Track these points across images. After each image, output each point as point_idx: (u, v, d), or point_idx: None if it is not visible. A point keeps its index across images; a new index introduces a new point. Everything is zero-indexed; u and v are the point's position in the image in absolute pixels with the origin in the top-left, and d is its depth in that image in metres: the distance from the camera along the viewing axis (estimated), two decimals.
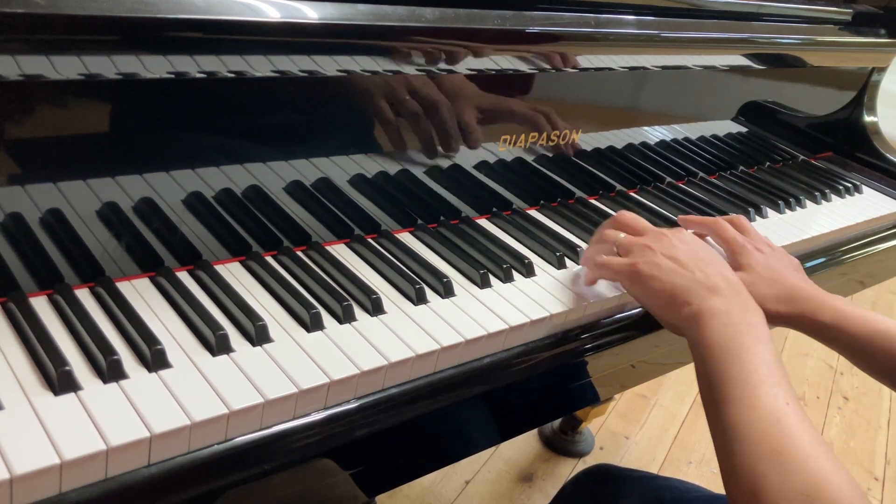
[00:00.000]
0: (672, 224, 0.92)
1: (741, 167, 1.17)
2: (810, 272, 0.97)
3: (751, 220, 0.99)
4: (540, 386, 0.70)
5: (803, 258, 0.98)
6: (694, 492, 0.81)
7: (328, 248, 0.72)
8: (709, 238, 0.83)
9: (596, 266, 0.71)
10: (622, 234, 0.72)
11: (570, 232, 0.86)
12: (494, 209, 0.86)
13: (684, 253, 0.67)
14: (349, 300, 0.63)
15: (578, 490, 0.87)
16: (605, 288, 0.74)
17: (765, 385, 0.55)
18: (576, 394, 0.76)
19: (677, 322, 0.64)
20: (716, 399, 0.57)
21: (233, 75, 0.58)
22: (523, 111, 0.83)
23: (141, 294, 0.60)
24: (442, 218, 0.82)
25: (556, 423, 1.66)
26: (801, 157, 1.28)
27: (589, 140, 0.93)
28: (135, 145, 0.60)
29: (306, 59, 0.61)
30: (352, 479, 0.58)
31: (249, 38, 0.58)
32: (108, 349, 0.52)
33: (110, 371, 0.51)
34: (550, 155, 0.90)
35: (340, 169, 0.72)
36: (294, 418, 0.54)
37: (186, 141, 0.62)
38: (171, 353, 0.54)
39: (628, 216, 0.74)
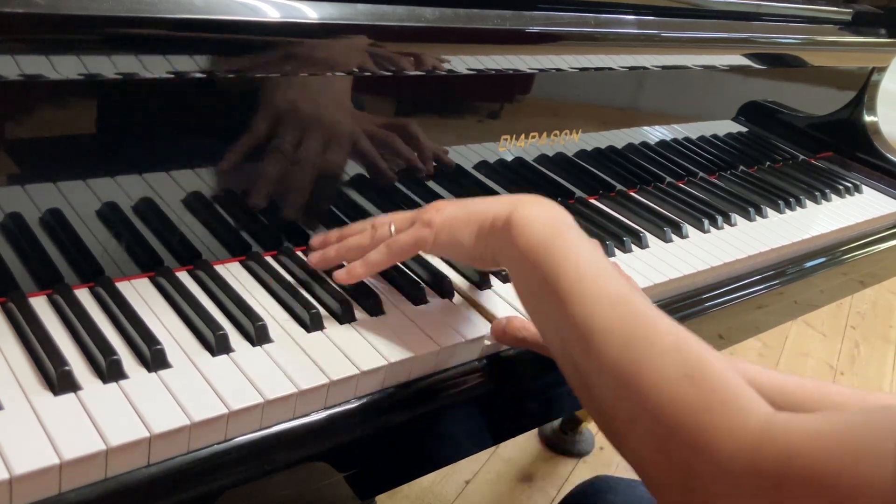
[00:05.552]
0: (672, 224, 0.92)
1: (741, 167, 1.17)
2: (810, 272, 0.97)
3: (750, 219, 0.99)
4: (539, 386, 0.70)
5: (804, 258, 0.98)
6: None
7: None
8: None
9: (387, 249, 0.62)
10: (391, 224, 0.63)
11: None
12: None
13: (464, 200, 0.63)
14: (349, 300, 0.63)
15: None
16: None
17: (602, 277, 0.52)
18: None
19: (490, 244, 0.59)
20: (554, 302, 0.52)
21: (233, 75, 0.58)
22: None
23: (141, 294, 0.60)
24: None
25: (556, 423, 1.66)
26: (801, 157, 1.28)
27: (589, 140, 0.93)
28: (135, 145, 0.60)
29: (306, 59, 0.61)
30: (352, 478, 0.58)
31: (249, 38, 0.58)
32: (107, 349, 0.52)
33: (110, 371, 0.51)
34: (550, 155, 0.90)
35: (340, 169, 0.72)
36: (294, 418, 0.54)
37: (186, 141, 0.62)
38: (171, 353, 0.54)
39: (387, 215, 0.66)
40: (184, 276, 0.64)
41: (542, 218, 0.57)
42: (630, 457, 0.48)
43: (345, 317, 0.62)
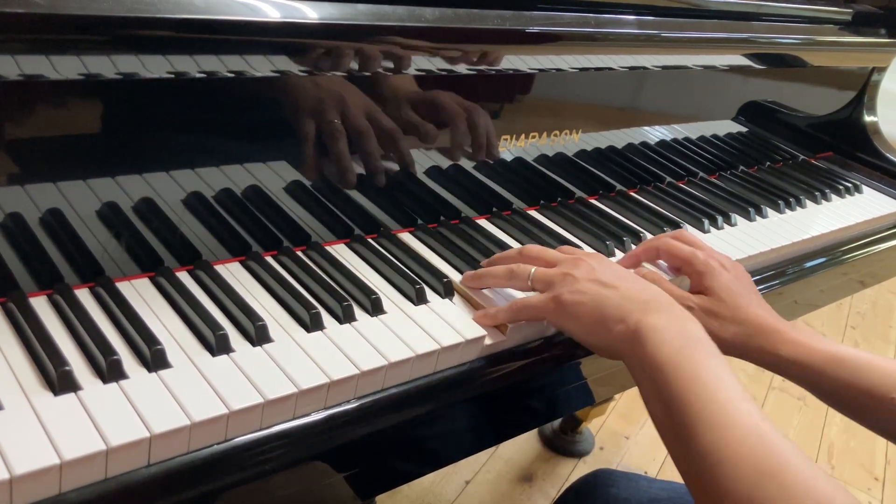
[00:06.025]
0: (672, 225, 0.92)
1: (741, 167, 1.17)
2: (810, 272, 0.97)
3: (750, 219, 0.99)
4: (540, 386, 0.70)
5: (803, 258, 0.98)
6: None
7: (328, 248, 0.72)
8: (662, 263, 0.79)
9: (514, 310, 0.65)
10: (533, 268, 0.66)
11: (570, 232, 0.86)
12: (494, 209, 0.86)
13: (605, 273, 0.63)
14: (349, 300, 0.63)
15: (579, 496, 0.87)
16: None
17: (733, 401, 0.52)
18: (576, 394, 0.76)
19: (611, 344, 0.60)
20: (682, 423, 0.53)
21: (233, 75, 0.58)
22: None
23: (141, 294, 0.60)
24: (442, 218, 0.82)
25: (556, 423, 1.66)
26: (801, 157, 1.28)
27: (589, 140, 0.93)
28: (135, 145, 0.60)
29: (306, 58, 0.61)
30: (352, 479, 0.58)
31: (249, 38, 0.58)
32: (107, 349, 0.52)
33: (110, 371, 0.51)
34: (550, 155, 0.90)
35: (341, 169, 0.72)
36: (294, 418, 0.54)
37: (186, 141, 0.62)
38: (171, 353, 0.54)
39: (535, 249, 0.70)
40: (184, 276, 0.64)
41: (671, 330, 0.57)
42: None
43: (345, 317, 0.62)
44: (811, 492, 0.47)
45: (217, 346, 0.55)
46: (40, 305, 0.57)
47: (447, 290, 0.68)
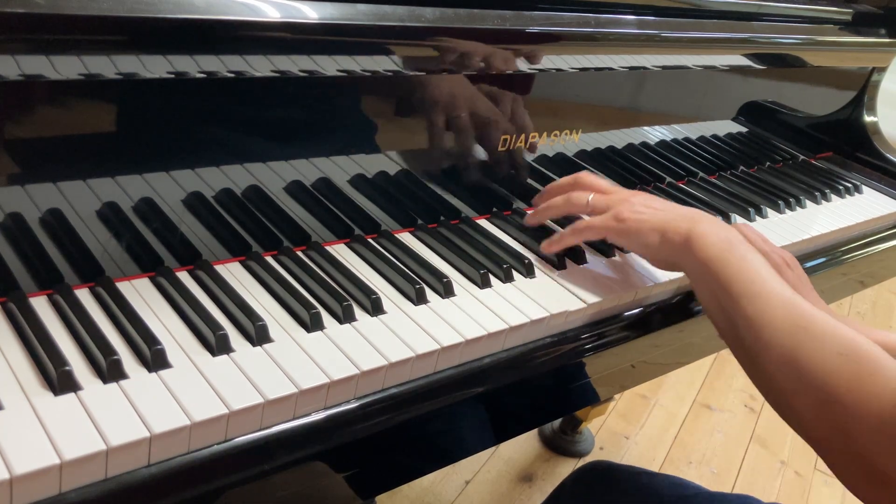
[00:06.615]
0: None
1: (741, 167, 1.17)
2: (810, 272, 0.97)
3: (750, 219, 0.99)
4: (540, 386, 0.70)
5: (803, 258, 0.98)
6: (693, 489, 0.81)
7: (328, 248, 0.72)
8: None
9: (577, 230, 0.75)
10: (591, 195, 0.76)
11: None
12: (494, 209, 0.86)
13: (656, 201, 0.75)
14: (349, 300, 0.63)
15: (578, 486, 0.87)
16: (602, 289, 0.74)
17: (771, 281, 0.63)
18: (575, 394, 0.77)
19: (672, 253, 0.70)
20: (727, 301, 0.63)
21: (233, 75, 0.58)
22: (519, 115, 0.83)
23: (141, 294, 0.60)
24: (442, 218, 0.82)
25: (556, 423, 1.66)
26: (801, 157, 1.28)
27: (589, 140, 0.93)
28: (135, 145, 0.60)
29: (306, 59, 0.61)
30: (352, 479, 0.58)
31: (249, 38, 0.58)
32: (107, 349, 0.52)
33: (110, 371, 0.51)
34: (550, 155, 0.90)
35: (340, 169, 0.72)
36: (294, 418, 0.54)
37: (186, 141, 0.62)
38: (171, 353, 0.54)
39: (590, 177, 0.79)
40: (184, 276, 0.64)
41: (717, 234, 0.68)
42: (793, 422, 0.59)
43: (345, 317, 0.62)
44: (837, 336, 0.57)
45: (217, 346, 0.55)
46: (40, 305, 0.57)
47: (447, 289, 0.68)
